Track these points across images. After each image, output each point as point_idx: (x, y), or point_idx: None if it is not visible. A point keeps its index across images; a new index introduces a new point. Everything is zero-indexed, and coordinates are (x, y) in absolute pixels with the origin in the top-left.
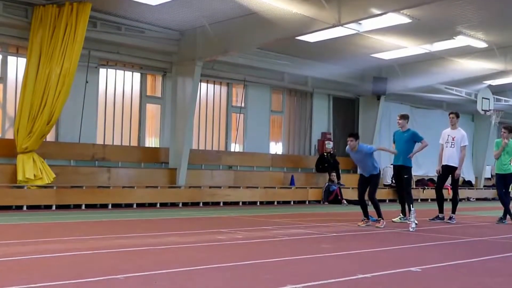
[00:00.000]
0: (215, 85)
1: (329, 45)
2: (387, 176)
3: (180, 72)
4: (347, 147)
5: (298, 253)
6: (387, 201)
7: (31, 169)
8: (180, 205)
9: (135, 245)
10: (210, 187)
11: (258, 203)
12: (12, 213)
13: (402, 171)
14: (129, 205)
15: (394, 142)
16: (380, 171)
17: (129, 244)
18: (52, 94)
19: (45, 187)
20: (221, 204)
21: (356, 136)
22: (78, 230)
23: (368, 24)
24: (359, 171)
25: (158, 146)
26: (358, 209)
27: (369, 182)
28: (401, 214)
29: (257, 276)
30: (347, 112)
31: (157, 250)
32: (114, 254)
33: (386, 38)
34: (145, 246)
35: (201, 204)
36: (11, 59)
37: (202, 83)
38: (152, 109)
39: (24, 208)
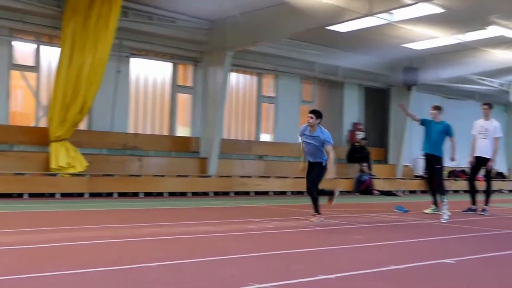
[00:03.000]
0: (245, 75)
1: (360, 35)
2: (419, 167)
3: (211, 62)
4: (303, 126)
5: (330, 244)
6: (419, 192)
7: (64, 157)
8: (211, 194)
9: (166, 233)
10: (240, 176)
11: (288, 193)
12: (45, 201)
13: (433, 161)
14: (160, 194)
15: (422, 124)
16: (328, 166)
17: (160, 232)
18: (85, 83)
19: (77, 175)
20: (252, 193)
21: (318, 115)
22: (109, 218)
23: (399, 14)
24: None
25: (189, 136)
26: (390, 199)
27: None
28: (433, 205)
29: (288, 266)
30: (379, 102)
31: (188, 239)
32: (145, 242)
33: (418, 28)
34: (176, 234)
35: (231, 194)
36: (44, 49)
37: (232, 73)
38: (183, 99)
39: (57, 195)
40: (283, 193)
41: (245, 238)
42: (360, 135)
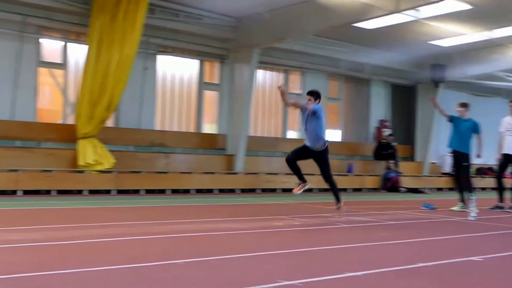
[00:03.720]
0: (272, 72)
1: (386, 32)
2: (446, 164)
3: (237, 59)
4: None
5: (356, 241)
6: (447, 189)
7: (92, 154)
8: (238, 191)
9: (193, 230)
10: (267, 173)
11: (315, 190)
12: (72, 197)
13: (461, 158)
14: (187, 191)
15: (450, 121)
16: (326, 150)
17: (187, 229)
18: (112, 81)
19: (105, 172)
20: (278, 190)
21: (317, 95)
22: (136, 215)
23: (426, 11)
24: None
25: (216, 133)
26: (417, 197)
27: (306, 153)
28: (460, 203)
29: (315, 264)
30: (405, 99)
31: (215, 235)
32: (172, 239)
33: (445, 25)
34: (203, 231)
35: (258, 191)
36: (72, 46)
37: (259, 70)
38: (210, 96)
39: (84, 192)
40: (309, 190)
41: (272, 235)
42: (386, 132)
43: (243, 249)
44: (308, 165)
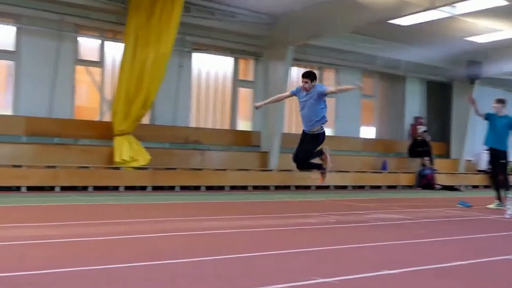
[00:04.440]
0: (306, 69)
1: (422, 29)
2: (482, 162)
3: (272, 56)
4: (296, 88)
5: (392, 239)
6: (482, 187)
7: (128, 151)
8: (272, 188)
9: (229, 227)
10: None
11: (349, 187)
12: (109, 193)
13: (498, 155)
14: (221, 188)
15: (486, 119)
16: (323, 135)
17: (223, 226)
18: (148, 78)
19: (140, 168)
20: (312, 188)
21: (313, 76)
22: (172, 212)
23: (462, 7)
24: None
25: (250, 130)
26: (452, 194)
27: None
28: (496, 200)
29: (350, 261)
30: (441, 96)
31: (250, 232)
32: (208, 236)
33: (481, 21)
34: (238, 228)
35: (292, 188)
36: (108, 44)
37: (293, 67)
38: (245, 93)
39: (121, 188)
40: (343, 187)
41: (306, 232)
42: (421, 129)
43: (278, 246)
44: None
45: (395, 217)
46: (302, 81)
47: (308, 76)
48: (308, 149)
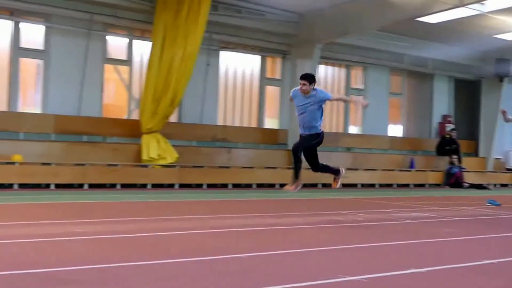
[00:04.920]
0: (334, 67)
1: (450, 26)
2: (510, 160)
3: (299, 55)
4: (295, 90)
5: (420, 237)
6: (511, 185)
7: (155, 149)
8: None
9: (255, 224)
10: None
11: (377, 186)
12: (136, 191)
13: None
14: (248, 185)
15: None
16: (322, 134)
17: (249, 223)
18: (175, 77)
19: (168, 166)
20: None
21: (312, 79)
22: (199, 209)
23: (491, 4)
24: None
25: (277, 128)
26: (480, 193)
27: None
28: None
29: (378, 259)
30: (469, 94)
31: (276, 230)
32: (235, 233)
33: (510, 18)
34: (264, 226)
35: (319, 186)
36: (136, 42)
37: (321, 65)
38: (272, 91)
39: (148, 186)
40: (371, 185)
41: (334, 230)
42: (450, 127)
43: (304, 244)
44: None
45: (423, 215)
46: (300, 83)
47: (307, 78)
48: (311, 146)
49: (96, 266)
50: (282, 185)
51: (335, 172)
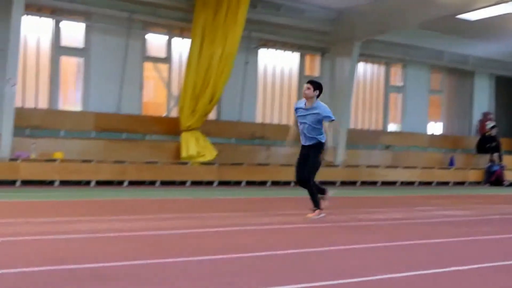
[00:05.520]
0: (373, 65)
1: (491, 23)
2: None
3: (338, 52)
4: (299, 101)
5: (459, 235)
6: None
7: (194, 146)
8: (338, 183)
9: (294, 222)
10: (367, 166)
11: (416, 183)
12: (176, 188)
13: None
14: (287, 183)
15: None
16: (325, 146)
17: (288, 221)
18: (214, 75)
19: (207, 164)
20: (378, 183)
21: (317, 85)
22: (238, 206)
23: None
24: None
25: None
26: None
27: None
28: None
29: (416, 257)
30: (510, 91)
31: (314, 228)
32: (274, 231)
33: None
34: (303, 223)
35: (358, 183)
36: (175, 41)
37: (360, 63)
38: None
39: (187, 183)
40: (410, 183)
41: (373, 228)
42: (490, 125)
43: (342, 242)
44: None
45: (463, 213)
46: (305, 87)
47: (312, 83)
48: (313, 162)
49: (136, 263)
50: (321, 183)
51: (315, 202)
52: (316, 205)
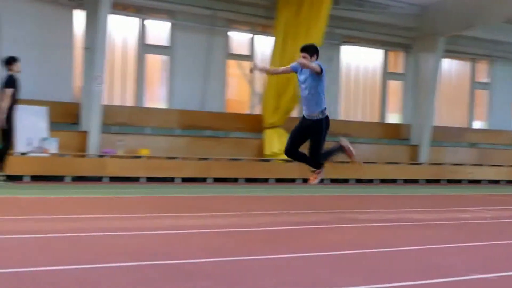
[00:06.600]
0: (458, 61)
1: None
2: None
3: (422, 48)
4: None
5: None
6: None
7: (277, 143)
8: (422, 182)
9: (377, 220)
10: (452, 164)
11: (502, 182)
12: (259, 186)
13: None
14: (370, 181)
15: None
16: (327, 117)
17: (372, 219)
18: None
19: (290, 161)
20: (464, 182)
21: (313, 50)
22: (316, 204)
23: None
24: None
25: (400, 123)
26: None
27: (304, 129)
28: None
29: (507, 257)
30: None
31: (399, 226)
32: (361, 228)
33: None
34: (387, 221)
35: (443, 182)
36: (258, 38)
37: (444, 59)
38: (394, 86)
39: (271, 181)
40: (496, 181)
41: (460, 227)
42: None
43: (429, 241)
44: None
45: None
46: (300, 57)
47: (307, 49)
48: (317, 143)
49: (224, 259)
50: (405, 181)
51: (314, 164)
52: (316, 165)
